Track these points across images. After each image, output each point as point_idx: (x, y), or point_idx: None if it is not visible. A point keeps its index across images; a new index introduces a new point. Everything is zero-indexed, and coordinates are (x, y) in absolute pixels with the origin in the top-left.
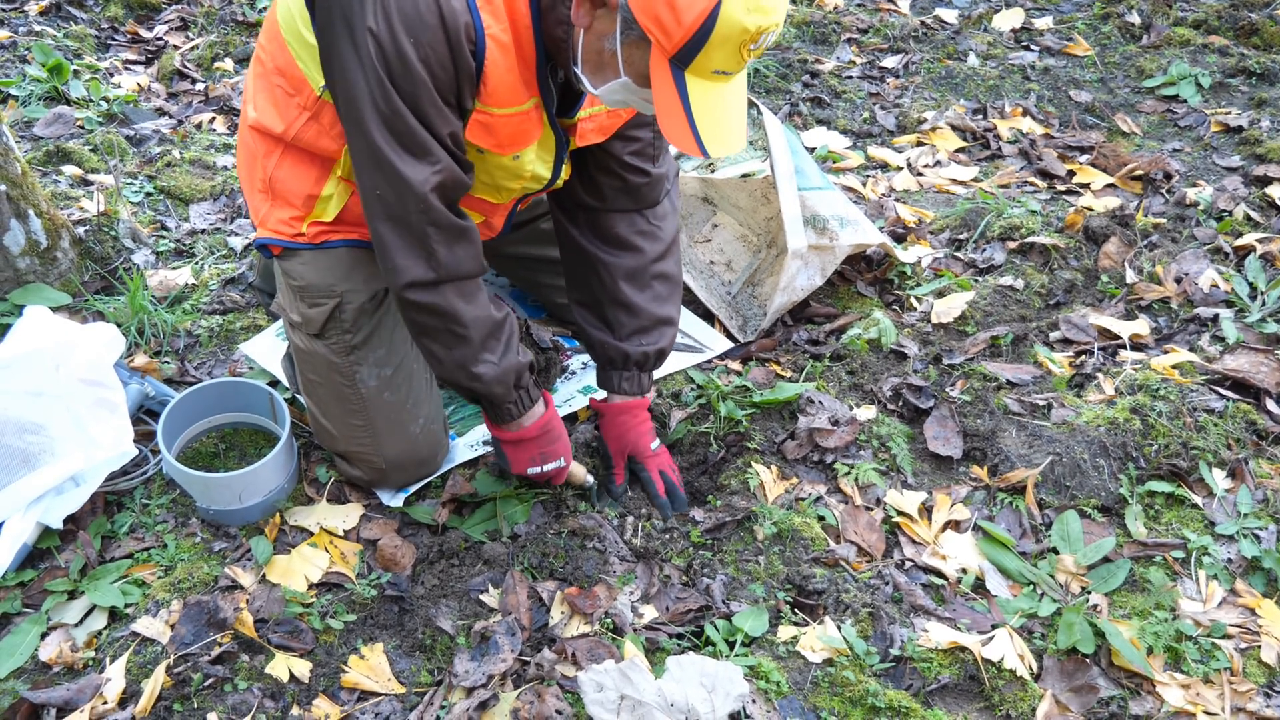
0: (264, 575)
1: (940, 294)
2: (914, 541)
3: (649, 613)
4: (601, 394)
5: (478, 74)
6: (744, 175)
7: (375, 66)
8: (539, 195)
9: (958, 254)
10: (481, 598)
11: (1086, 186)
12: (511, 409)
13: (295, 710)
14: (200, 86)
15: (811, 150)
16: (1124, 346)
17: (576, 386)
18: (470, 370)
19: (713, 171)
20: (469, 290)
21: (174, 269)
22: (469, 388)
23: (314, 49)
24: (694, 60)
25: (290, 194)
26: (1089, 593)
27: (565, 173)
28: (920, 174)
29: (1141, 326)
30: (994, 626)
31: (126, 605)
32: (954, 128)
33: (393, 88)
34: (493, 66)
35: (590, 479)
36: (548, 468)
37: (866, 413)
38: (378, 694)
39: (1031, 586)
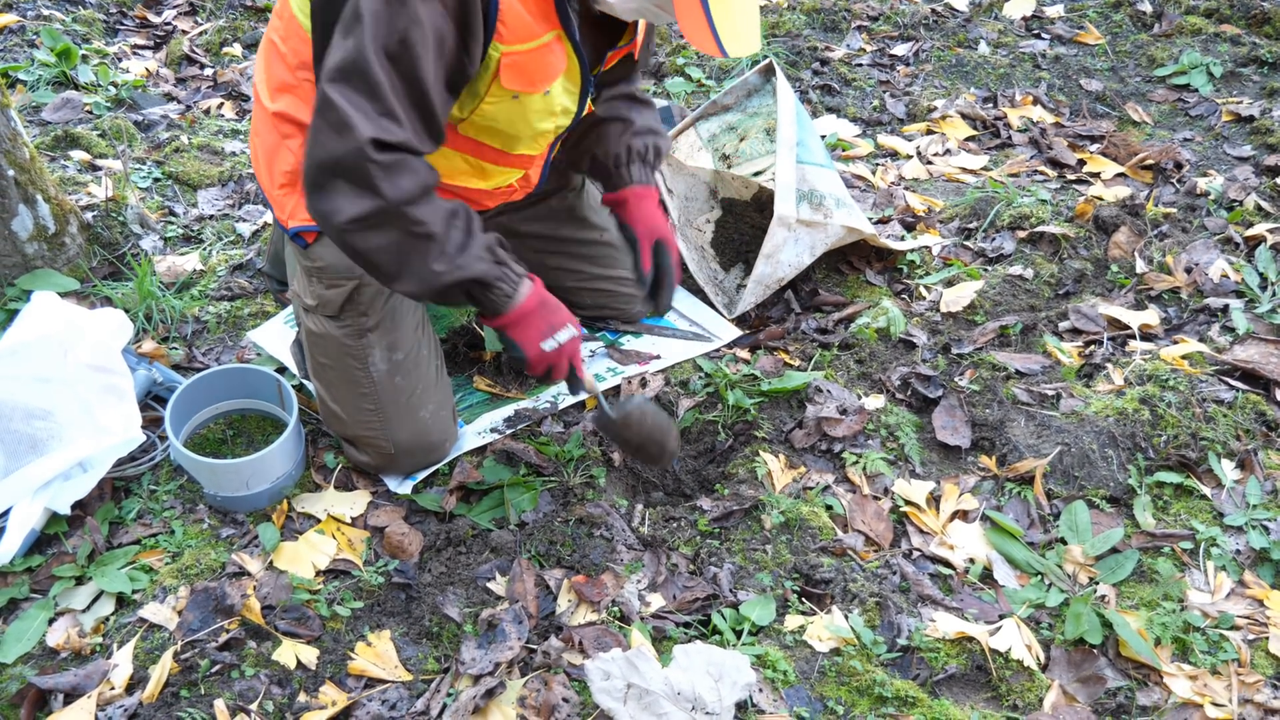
0: (271, 562)
1: (949, 283)
2: (922, 531)
3: (656, 601)
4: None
5: (492, 23)
6: (755, 173)
7: (376, 18)
8: (569, 132)
9: (967, 243)
10: (488, 585)
11: (1097, 176)
12: (503, 286)
13: (302, 697)
14: (209, 72)
15: (821, 138)
16: (1133, 336)
17: None
18: (443, 265)
19: (729, 167)
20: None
21: (182, 255)
22: (454, 281)
23: None
24: None
25: None
26: (1097, 583)
27: (589, 105)
28: (930, 162)
29: (1151, 316)
30: (1001, 616)
31: (134, 591)
32: (964, 116)
33: (387, 37)
34: (507, 8)
35: (598, 387)
36: (560, 336)
37: (875, 402)
38: (384, 681)
39: (1039, 577)
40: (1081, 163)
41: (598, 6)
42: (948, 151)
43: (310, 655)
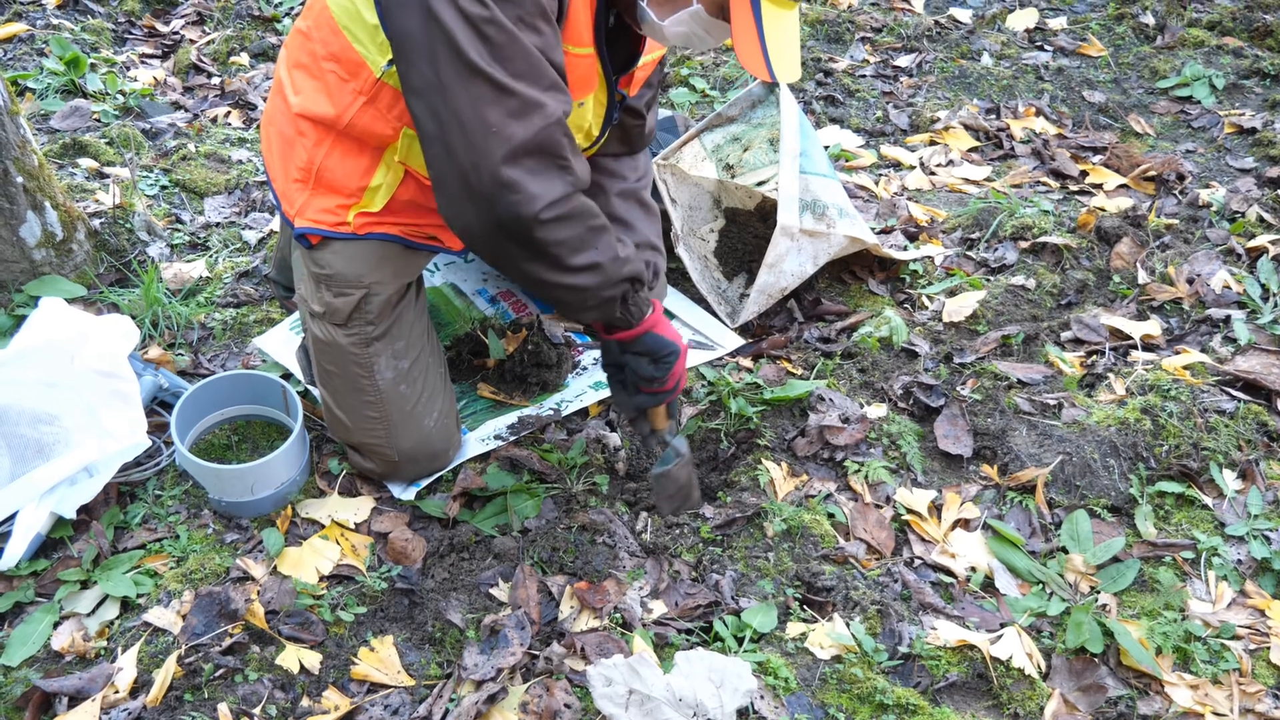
0: (275, 567)
1: (952, 293)
2: (923, 539)
3: (658, 608)
4: None
5: (565, 6)
6: (759, 183)
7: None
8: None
9: (970, 253)
10: (491, 591)
11: (1099, 187)
12: (645, 295)
13: (305, 701)
14: (216, 81)
15: (825, 148)
16: (1135, 347)
17: (588, 382)
18: (621, 254)
19: (733, 176)
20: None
21: (188, 262)
22: (627, 275)
23: (374, 30)
24: None
25: (338, 183)
26: (1098, 592)
27: (606, 135)
28: (933, 173)
29: (1153, 327)
30: (1003, 625)
31: (138, 595)
32: (967, 127)
33: (500, 12)
34: (575, 5)
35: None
36: (681, 346)
37: (877, 411)
38: (387, 686)
39: (1040, 585)
40: (1084, 174)
41: (644, 29)
42: (950, 162)
43: (313, 660)
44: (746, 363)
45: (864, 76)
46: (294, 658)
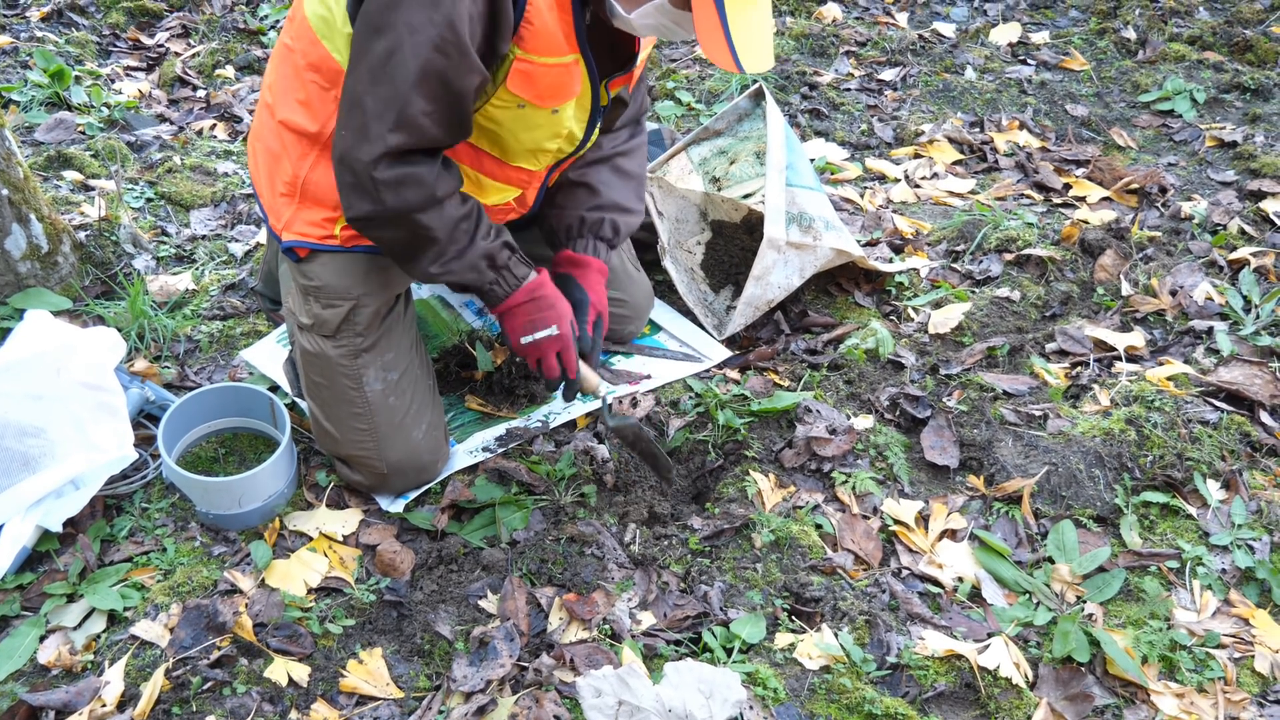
0: (263, 579)
1: (937, 305)
2: (911, 550)
3: (647, 619)
4: None
5: (518, 20)
6: (745, 195)
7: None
8: (570, 161)
9: (955, 265)
10: (480, 603)
11: (1082, 199)
12: (495, 289)
13: (294, 714)
14: (201, 93)
15: (810, 161)
16: (1119, 358)
17: None
18: (437, 268)
19: (720, 189)
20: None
21: (174, 274)
22: (446, 281)
23: (349, 38)
24: None
25: (324, 195)
26: (1084, 602)
27: (595, 135)
28: (918, 186)
29: (1137, 338)
30: (990, 635)
31: (125, 608)
32: (951, 140)
33: (422, 37)
34: (535, 13)
35: (604, 391)
36: (539, 335)
37: (864, 422)
38: (376, 698)
39: (1027, 595)
40: (1067, 187)
41: (615, 22)
42: (935, 175)
43: (302, 673)
44: (734, 375)
45: (849, 90)
46: (282, 670)
